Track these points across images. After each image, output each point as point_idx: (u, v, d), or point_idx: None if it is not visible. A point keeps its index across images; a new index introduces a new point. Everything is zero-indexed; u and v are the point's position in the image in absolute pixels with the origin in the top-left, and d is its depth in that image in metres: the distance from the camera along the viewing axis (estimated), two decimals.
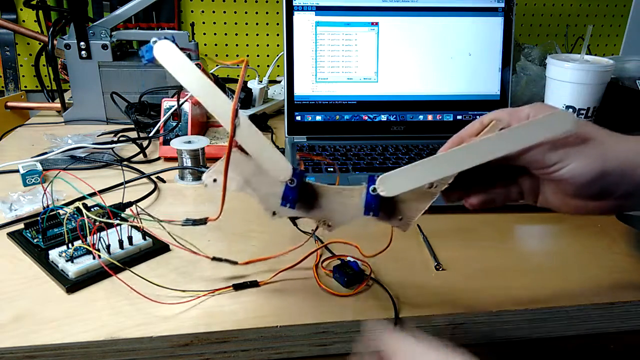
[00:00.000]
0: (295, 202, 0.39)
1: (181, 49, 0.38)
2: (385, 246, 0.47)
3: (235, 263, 0.49)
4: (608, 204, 0.39)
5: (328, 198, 0.41)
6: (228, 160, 0.39)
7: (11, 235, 0.55)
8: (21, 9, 1.15)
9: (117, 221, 0.51)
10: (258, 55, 1.27)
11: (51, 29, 0.92)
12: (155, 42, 0.37)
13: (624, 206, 0.39)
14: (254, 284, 0.48)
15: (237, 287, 0.47)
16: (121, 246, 0.51)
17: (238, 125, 0.38)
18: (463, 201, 0.42)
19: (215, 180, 0.41)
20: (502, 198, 0.42)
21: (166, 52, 0.37)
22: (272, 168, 0.39)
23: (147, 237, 0.53)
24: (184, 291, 0.46)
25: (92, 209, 0.59)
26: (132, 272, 0.47)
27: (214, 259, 0.49)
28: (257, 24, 1.24)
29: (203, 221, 0.45)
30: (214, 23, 1.23)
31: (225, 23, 1.23)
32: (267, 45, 1.26)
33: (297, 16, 0.82)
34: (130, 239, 0.52)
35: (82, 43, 0.90)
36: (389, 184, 0.38)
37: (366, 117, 0.85)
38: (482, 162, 0.37)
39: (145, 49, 0.38)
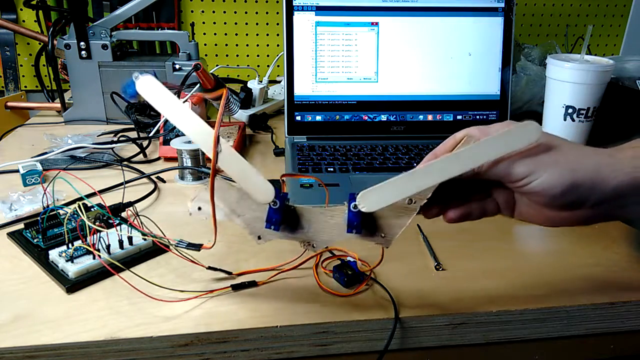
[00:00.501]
0: (279, 223, 0.40)
1: (163, 82, 0.39)
2: (379, 260, 0.47)
3: (229, 274, 0.49)
4: (582, 213, 0.39)
5: (311, 219, 0.42)
6: (212, 187, 0.40)
7: (11, 235, 0.55)
8: (21, 9, 1.15)
9: (117, 221, 0.51)
10: (258, 55, 1.27)
11: (51, 29, 0.92)
12: (137, 77, 0.38)
13: (598, 215, 0.40)
14: (253, 284, 0.48)
15: (236, 287, 0.47)
16: (121, 246, 0.51)
17: (220, 151, 0.39)
18: (442, 216, 0.42)
19: (200, 209, 0.42)
20: (479, 212, 0.43)
21: (148, 86, 0.39)
22: (255, 191, 0.40)
23: (147, 238, 0.53)
24: (184, 291, 0.46)
25: (92, 209, 0.59)
26: (132, 272, 0.47)
27: (209, 268, 0.49)
28: (257, 24, 1.24)
29: (197, 247, 0.46)
30: (214, 23, 1.23)
31: (225, 23, 1.23)
32: (267, 45, 1.26)
33: (297, 16, 0.82)
34: (130, 239, 0.52)
35: (82, 43, 0.90)
36: (369, 199, 0.39)
37: (366, 117, 0.85)
38: (454, 175, 0.38)
39: (128, 84, 0.38)
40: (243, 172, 0.40)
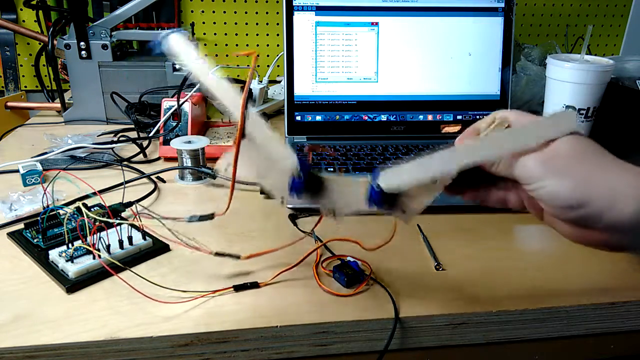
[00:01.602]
0: (301, 191, 0.41)
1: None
2: (388, 239, 0.47)
3: (237, 257, 0.49)
4: (596, 236, 0.36)
5: (334, 188, 0.42)
6: (238, 149, 0.41)
7: (11, 235, 0.55)
8: (21, 9, 1.15)
9: (118, 221, 0.51)
10: (258, 55, 1.27)
11: (51, 29, 0.92)
12: (167, 35, 0.39)
13: (615, 243, 0.36)
14: (255, 285, 0.48)
15: (238, 288, 0.47)
16: (121, 246, 0.51)
17: (247, 116, 0.40)
18: (461, 196, 0.42)
19: (229, 165, 0.42)
20: (498, 201, 0.41)
21: (178, 44, 0.40)
22: (279, 159, 0.41)
23: (147, 237, 0.53)
24: (184, 292, 0.46)
25: (92, 209, 0.59)
26: (132, 271, 0.47)
27: (216, 254, 0.49)
28: (257, 24, 1.24)
29: (210, 216, 0.46)
30: (214, 23, 1.23)
31: (225, 23, 1.23)
32: (267, 45, 1.26)
33: (297, 16, 0.82)
34: (130, 239, 0.52)
35: (82, 43, 0.90)
36: (391, 179, 0.39)
37: (366, 117, 0.85)
38: (479, 161, 0.37)
39: (157, 41, 0.39)
40: (268, 139, 0.41)
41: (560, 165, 0.35)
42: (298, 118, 0.85)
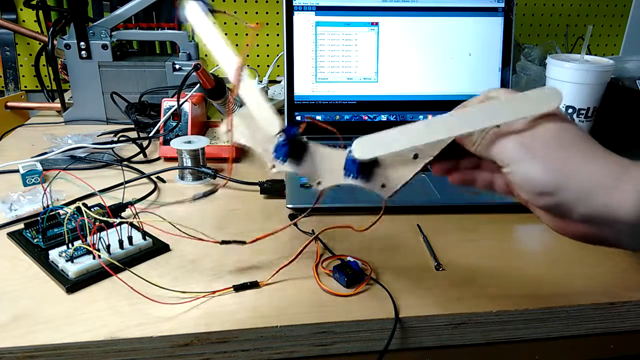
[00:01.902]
0: (286, 156, 0.42)
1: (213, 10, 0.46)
2: (379, 217, 0.46)
3: (243, 243, 0.49)
4: (575, 227, 0.35)
5: (319, 157, 0.42)
6: (231, 112, 0.43)
7: (11, 235, 0.55)
8: (21, 9, 1.15)
9: (118, 220, 0.51)
10: (258, 55, 1.27)
11: (51, 29, 0.92)
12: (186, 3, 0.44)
13: (594, 235, 0.34)
14: (255, 285, 0.48)
15: (238, 288, 0.47)
16: (121, 246, 0.51)
17: (242, 80, 0.42)
18: (448, 178, 0.41)
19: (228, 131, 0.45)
20: (485, 184, 0.40)
21: (194, 12, 0.45)
22: (265, 123, 0.42)
23: (147, 237, 0.53)
24: (184, 292, 0.46)
25: (92, 209, 0.59)
26: (132, 272, 0.47)
27: (222, 242, 0.49)
28: (257, 24, 1.24)
29: (213, 191, 0.47)
30: (214, 23, 1.23)
31: (225, 23, 1.23)
32: (267, 45, 1.26)
33: (297, 16, 0.82)
34: (130, 239, 0.52)
35: (82, 43, 0.90)
36: (364, 147, 0.39)
37: (366, 117, 0.85)
38: (457, 135, 0.36)
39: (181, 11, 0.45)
40: (257, 104, 0.42)
41: (536, 149, 0.33)
42: (298, 118, 0.85)
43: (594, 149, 0.33)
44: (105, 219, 0.50)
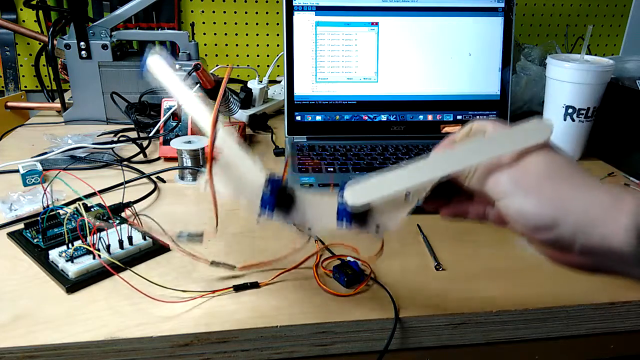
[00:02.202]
0: (272, 208, 0.40)
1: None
2: (379, 249, 0.47)
3: (233, 267, 0.49)
4: (575, 259, 0.34)
5: (307, 205, 0.41)
6: (211, 168, 0.41)
7: (11, 235, 0.55)
8: (21, 9, 1.15)
9: (117, 221, 0.51)
10: (258, 55, 1.27)
11: (51, 29, 0.92)
12: (149, 55, 0.41)
13: (595, 266, 0.33)
14: (255, 285, 0.48)
15: (238, 288, 0.47)
16: (121, 246, 0.51)
17: (218, 133, 0.41)
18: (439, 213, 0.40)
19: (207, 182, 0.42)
20: (477, 215, 0.39)
21: (156, 65, 0.41)
22: (248, 175, 0.41)
23: (147, 237, 0.53)
24: (184, 291, 0.46)
25: (92, 209, 0.59)
26: (132, 271, 0.47)
27: (212, 263, 0.49)
28: (257, 24, 1.24)
29: (199, 237, 0.45)
30: (214, 23, 1.23)
31: (225, 23, 1.23)
32: (267, 45, 1.26)
33: (297, 16, 0.82)
34: (130, 239, 0.52)
35: (82, 43, 0.90)
36: (356, 193, 0.38)
37: (366, 117, 0.85)
38: (450, 173, 0.36)
39: (143, 59, 0.42)
40: (238, 156, 0.41)
41: (529, 182, 0.33)
42: (298, 118, 0.85)
43: (585, 179, 0.33)
44: (105, 219, 0.50)
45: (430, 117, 0.86)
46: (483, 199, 0.38)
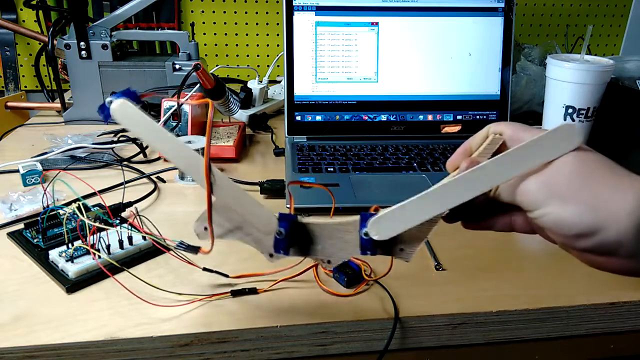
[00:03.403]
0: (287, 248, 0.38)
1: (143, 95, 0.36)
2: (388, 269, 0.47)
3: (226, 276, 0.49)
4: (621, 263, 0.31)
5: (324, 235, 0.39)
6: (210, 212, 0.37)
7: (11, 235, 0.55)
8: (21, 9, 1.15)
9: (117, 221, 0.51)
10: (258, 55, 1.27)
11: (51, 29, 0.92)
12: (110, 102, 0.34)
13: (636, 268, 0.31)
14: (253, 291, 0.47)
15: (235, 293, 0.47)
16: (121, 246, 0.51)
17: (214, 182, 0.36)
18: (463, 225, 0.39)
19: (206, 229, 0.39)
20: (504, 226, 0.38)
21: (124, 112, 0.35)
22: (257, 220, 0.38)
23: (147, 237, 0.53)
24: (180, 294, 0.46)
25: (92, 209, 0.59)
26: (130, 273, 0.47)
27: (204, 269, 0.48)
28: (257, 24, 1.24)
29: (195, 250, 0.42)
30: (214, 23, 1.23)
31: (225, 23, 1.23)
32: (267, 45, 1.26)
33: (297, 16, 0.82)
34: (130, 239, 0.52)
35: (82, 43, 0.90)
36: (381, 227, 0.36)
37: (366, 117, 0.85)
38: (474, 196, 0.34)
39: (102, 106, 0.36)
40: (241, 203, 0.37)
41: (562, 187, 0.30)
42: (298, 118, 0.85)
43: (623, 178, 0.31)
44: (105, 219, 0.50)
45: (430, 117, 0.86)
46: (508, 208, 0.36)
